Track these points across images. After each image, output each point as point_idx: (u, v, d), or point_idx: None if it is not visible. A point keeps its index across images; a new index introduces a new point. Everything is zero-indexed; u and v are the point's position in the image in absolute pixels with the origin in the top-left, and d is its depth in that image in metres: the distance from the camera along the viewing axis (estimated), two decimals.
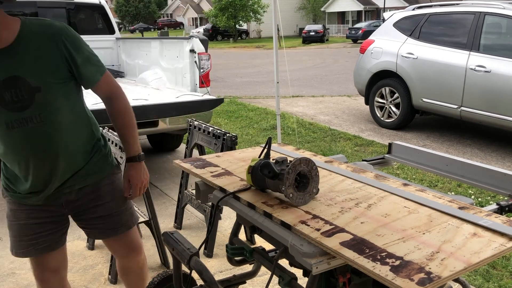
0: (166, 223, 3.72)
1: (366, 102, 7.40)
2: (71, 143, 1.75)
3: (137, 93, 4.98)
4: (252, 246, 1.86)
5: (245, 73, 15.53)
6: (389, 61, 6.74)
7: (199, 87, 4.83)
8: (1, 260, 3.18)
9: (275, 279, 1.57)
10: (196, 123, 3.46)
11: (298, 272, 1.61)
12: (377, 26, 9.16)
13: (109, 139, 3.11)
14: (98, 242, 3.38)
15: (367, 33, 20.16)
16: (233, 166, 2.00)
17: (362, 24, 35.07)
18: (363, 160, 2.35)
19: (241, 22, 42.53)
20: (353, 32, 34.11)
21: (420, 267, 1.15)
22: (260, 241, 2.97)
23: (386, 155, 2.44)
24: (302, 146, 5.94)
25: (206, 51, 4.84)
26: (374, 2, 44.57)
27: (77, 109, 1.80)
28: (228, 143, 3.08)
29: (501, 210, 1.73)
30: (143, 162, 1.92)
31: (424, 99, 6.33)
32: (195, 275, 1.91)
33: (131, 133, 1.88)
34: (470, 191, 4.23)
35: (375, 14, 44.61)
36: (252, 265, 2.22)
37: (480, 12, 5.84)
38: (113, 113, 1.88)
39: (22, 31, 1.60)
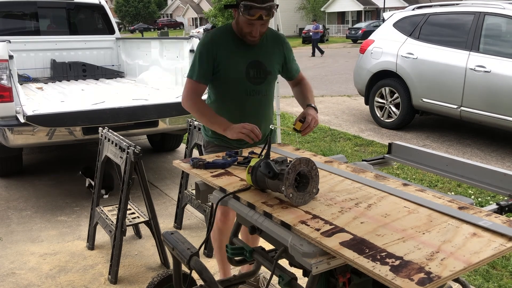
0: (166, 223, 3.72)
1: (366, 102, 7.40)
2: (268, 114, 2.45)
3: (137, 93, 4.97)
4: (252, 246, 1.86)
5: None
6: (389, 61, 6.73)
7: None
8: (1, 260, 3.18)
9: (275, 279, 1.57)
10: (196, 123, 3.46)
11: (298, 272, 1.61)
12: (377, 26, 9.16)
13: (109, 139, 3.11)
14: (98, 242, 3.39)
15: (367, 33, 20.14)
16: (233, 166, 2.00)
17: (362, 24, 35.02)
18: (363, 160, 2.35)
19: None
20: (353, 32, 34.06)
21: (420, 267, 1.15)
22: (260, 241, 2.97)
23: (386, 155, 2.44)
24: (302, 146, 5.94)
25: None
26: (374, 2, 44.54)
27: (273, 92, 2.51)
28: None
29: (501, 210, 1.73)
30: (316, 112, 2.37)
31: (424, 99, 6.33)
32: (195, 275, 1.91)
33: (311, 93, 2.49)
34: (470, 191, 4.23)
35: (375, 14, 44.58)
36: (252, 265, 2.22)
37: (480, 12, 5.84)
38: (302, 86, 2.52)
39: (267, 33, 2.34)
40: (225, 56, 2.26)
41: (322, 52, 22.88)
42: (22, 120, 3.81)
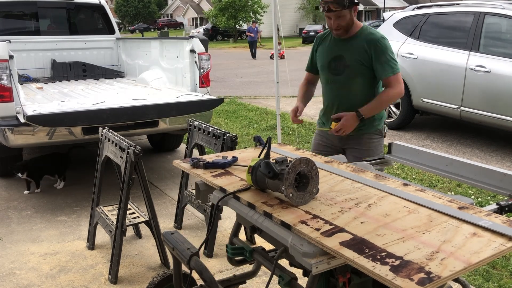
0: (166, 223, 3.72)
1: None
2: (345, 103, 2.67)
3: (137, 93, 4.98)
4: (252, 246, 1.86)
5: (245, 73, 15.53)
6: None
7: (199, 87, 4.82)
8: (1, 260, 3.18)
9: (275, 279, 1.57)
10: (196, 123, 3.46)
11: (298, 272, 1.61)
12: (377, 26, 9.14)
13: (109, 139, 3.11)
14: (98, 242, 3.39)
15: None
16: (233, 166, 2.00)
17: None
18: (363, 160, 2.35)
19: (241, 22, 42.53)
20: None
21: (420, 267, 1.15)
22: (260, 241, 2.97)
23: (386, 155, 2.44)
24: (302, 146, 5.93)
25: (206, 51, 4.84)
26: (374, 2, 44.54)
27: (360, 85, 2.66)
28: (228, 143, 3.08)
29: (501, 210, 1.73)
30: (357, 120, 2.58)
31: (424, 99, 6.33)
32: (195, 275, 1.91)
33: (377, 105, 2.64)
34: (470, 191, 4.23)
35: (375, 14, 44.59)
36: (252, 265, 2.22)
37: (480, 12, 5.83)
38: (383, 92, 2.67)
39: (363, 31, 2.60)
40: (319, 50, 2.76)
41: (254, 56, 22.81)
42: (22, 120, 3.81)
